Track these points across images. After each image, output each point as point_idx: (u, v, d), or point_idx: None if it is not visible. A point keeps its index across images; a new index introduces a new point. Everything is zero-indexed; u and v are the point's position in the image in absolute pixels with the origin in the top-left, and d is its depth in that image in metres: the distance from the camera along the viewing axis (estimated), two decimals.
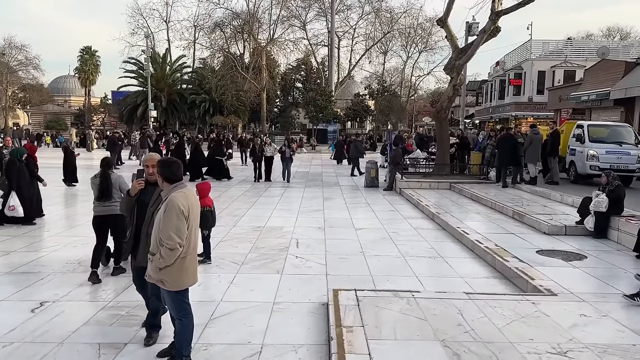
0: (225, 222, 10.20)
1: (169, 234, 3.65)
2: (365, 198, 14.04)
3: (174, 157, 6.08)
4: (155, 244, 3.76)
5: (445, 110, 16.21)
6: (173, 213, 3.67)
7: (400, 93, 52.30)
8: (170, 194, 3.78)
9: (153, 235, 3.80)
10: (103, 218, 6.24)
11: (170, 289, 3.88)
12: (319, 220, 10.46)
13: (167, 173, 3.85)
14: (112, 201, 6.17)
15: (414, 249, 8.11)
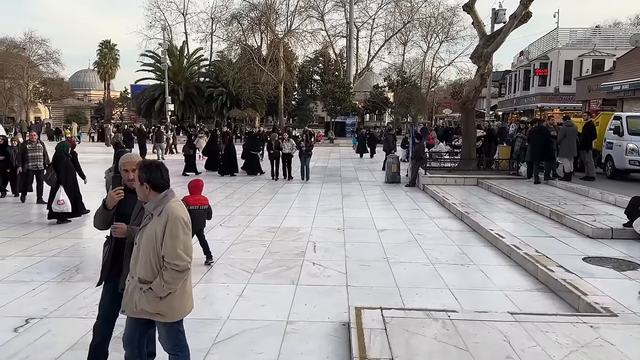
0: (238, 222, 9.56)
1: (177, 252, 3.02)
2: (386, 195, 13.26)
3: (209, 151, 5.79)
4: (150, 269, 3.08)
5: (471, 101, 15.30)
6: (179, 227, 3.04)
7: (420, 84, 51.06)
8: (164, 205, 3.10)
9: (144, 258, 3.09)
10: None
11: (171, 321, 3.20)
12: (337, 220, 9.74)
13: (155, 179, 3.13)
14: None
15: (443, 255, 7.34)
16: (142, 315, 3.16)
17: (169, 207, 3.07)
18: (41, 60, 65.22)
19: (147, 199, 3.17)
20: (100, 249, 3.80)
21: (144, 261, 3.09)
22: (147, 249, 3.07)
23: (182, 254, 3.03)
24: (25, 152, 11.17)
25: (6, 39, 63.53)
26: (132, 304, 3.14)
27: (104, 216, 3.58)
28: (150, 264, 3.08)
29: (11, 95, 65.46)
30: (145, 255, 3.08)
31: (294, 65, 55.57)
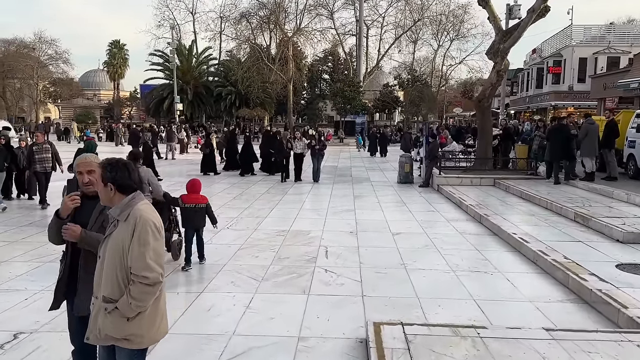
0: (246, 224, 9.14)
1: (147, 262, 2.54)
2: (399, 196, 12.79)
3: (229, 150, 6.00)
4: (117, 285, 2.60)
5: (487, 98, 14.77)
6: (148, 232, 2.57)
7: (430, 83, 50.43)
8: (131, 208, 2.64)
9: (109, 273, 2.61)
10: None
11: (138, 347, 2.67)
12: (350, 223, 9.29)
13: (122, 179, 2.67)
14: None
15: (464, 261, 6.87)
16: (106, 341, 2.66)
17: (136, 210, 2.62)
18: (51, 60, 65.46)
19: (112, 203, 2.70)
20: None
21: (110, 276, 2.61)
22: (112, 261, 2.60)
23: (152, 263, 2.56)
24: (32, 154, 10.64)
25: (16, 39, 63.79)
26: (96, 328, 2.65)
27: (58, 227, 2.99)
28: (116, 279, 2.60)
29: (21, 95, 65.80)
30: (110, 269, 2.60)
31: (303, 64, 55.15)
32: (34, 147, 10.67)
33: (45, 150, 10.66)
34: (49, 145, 10.80)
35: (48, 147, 10.75)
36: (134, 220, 2.59)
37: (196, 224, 6.55)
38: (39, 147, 10.64)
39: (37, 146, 10.65)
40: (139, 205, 2.66)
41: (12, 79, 62.91)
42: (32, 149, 10.66)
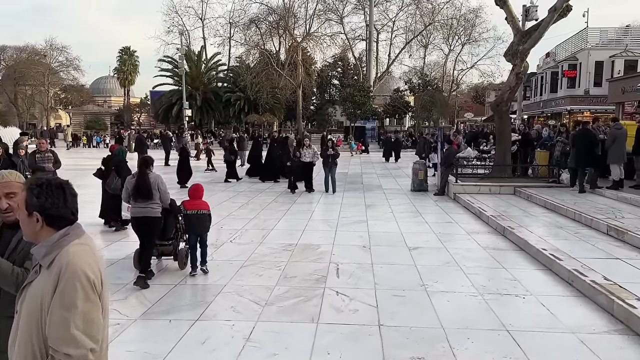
0: (250, 237, 8.51)
1: (71, 334, 1.81)
2: (414, 205, 12.10)
3: (251, 157, 7.09)
4: (32, 354, 1.88)
5: (506, 102, 14.04)
6: (76, 291, 1.84)
7: (442, 88, 49.68)
8: (59, 250, 1.91)
9: (25, 336, 1.90)
10: (139, 220, 5.99)
11: None
12: (362, 236, 8.62)
13: (53, 207, 1.94)
14: (150, 202, 5.92)
15: (491, 282, 6.18)
16: None
17: (63, 255, 1.88)
18: (61, 66, 65.70)
19: (37, 239, 1.97)
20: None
21: (24, 343, 1.90)
22: (28, 322, 1.90)
23: (78, 335, 1.81)
24: (34, 163, 9.63)
25: (27, 46, 64.11)
26: None
27: None
28: (31, 348, 1.88)
29: (32, 102, 66.05)
30: (26, 332, 1.90)
31: (312, 70, 54.72)
32: (36, 155, 9.75)
33: (47, 159, 9.78)
34: (51, 155, 9.91)
35: (50, 156, 9.85)
36: (58, 270, 1.85)
37: (199, 230, 6.39)
38: (41, 156, 9.75)
39: (40, 154, 9.76)
40: (69, 247, 1.90)
41: (24, 86, 63.20)
42: (35, 157, 9.82)
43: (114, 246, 7.89)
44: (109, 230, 9.01)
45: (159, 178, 6.11)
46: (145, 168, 6.06)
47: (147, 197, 5.88)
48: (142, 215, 5.95)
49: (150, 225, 6.00)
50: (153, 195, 5.91)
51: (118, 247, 7.82)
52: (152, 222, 5.99)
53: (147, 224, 5.98)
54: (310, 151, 14.00)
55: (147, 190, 5.89)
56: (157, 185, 5.97)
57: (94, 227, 8.94)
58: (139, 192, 5.91)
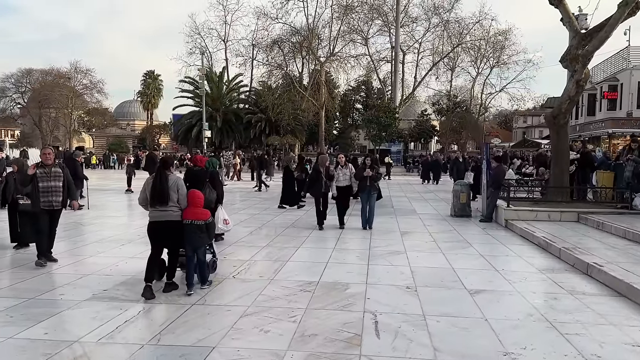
0: (259, 271, 6.64)
1: None
2: (459, 233, 10.08)
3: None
4: None
5: (564, 114, 12.02)
6: None
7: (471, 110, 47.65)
8: None
9: None
10: (158, 224, 5.55)
11: None
12: (403, 272, 6.66)
13: None
14: (168, 206, 5.49)
15: (604, 348, 4.14)
16: None
17: None
18: (85, 89, 65.97)
19: None
20: None
21: None
22: None
23: None
24: (34, 182, 6.83)
25: (52, 69, 64.68)
26: None
27: None
28: None
29: (56, 124, 66.31)
30: None
31: (336, 94, 53.40)
32: (38, 170, 6.89)
33: (55, 177, 6.93)
34: (60, 170, 7.05)
35: (59, 173, 7.01)
36: None
37: (193, 243, 5.64)
38: (45, 172, 6.89)
39: (44, 169, 6.91)
40: None
41: (48, 108, 63.53)
42: (36, 173, 6.86)
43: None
44: None
45: (179, 180, 5.68)
46: (164, 169, 5.63)
47: (163, 199, 5.45)
48: (162, 219, 5.49)
49: (170, 231, 5.53)
50: (171, 198, 5.47)
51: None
52: (172, 226, 5.53)
53: (167, 229, 5.51)
54: (346, 172, 10.52)
55: (165, 192, 5.46)
56: (177, 187, 5.55)
57: None
58: (156, 193, 5.47)
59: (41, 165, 6.89)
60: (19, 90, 67.16)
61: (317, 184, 10.23)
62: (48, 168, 6.92)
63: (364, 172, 10.10)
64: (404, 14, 45.89)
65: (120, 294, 5.49)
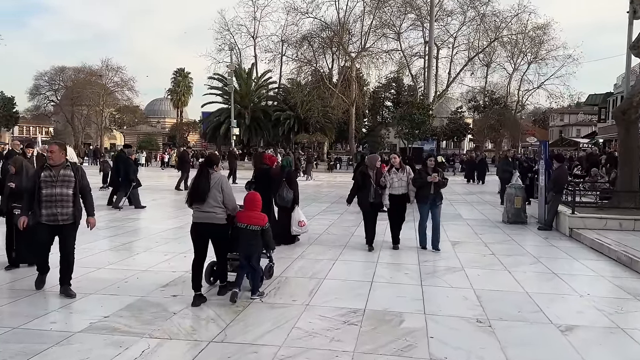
0: (291, 293, 5.54)
1: None
2: (519, 244, 8.78)
3: None
4: None
5: (635, 108, 10.54)
6: None
7: (510, 107, 45.57)
8: None
9: None
10: (200, 226, 5.12)
11: None
12: (467, 297, 5.45)
13: None
14: (212, 207, 5.03)
15: None
16: None
17: None
18: (117, 87, 66.43)
19: None
20: None
21: None
22: None
23: None
24: (37, 187, 5.23)
25: (84, 67, 65.34)
26: None
27: None
28: None
29: (88, 121, 67.03)
30: None
31: (365, 91, 52.07)
32: (42, 173, 5.28)
33: (63, 181, 5.25)
34: (71, 173, 5.31)
35: (70, 177, 5.28)
36: None
37: (247, 250, 5.24)
38: (51, 175, 5.22)
39: (50, 172, 5.23)
40: None
41: (80, 106, 64.22)
42: (40, 175, 5.27)
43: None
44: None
45: (223, 179, 5.24)
46: (207, 166, 5.20)
47: (202, 198, 5.06)
48: (204, 221, 5.09)
49: (213, 234, 5.14)
50: (213, 198, 5.06)
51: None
52: (216, 229, 5.12)
53: (210, 232, 5.11)
54: (402, 177, 8.09)
55: (204, 191, 5.04)
56: (221, 187, 5.12)
57: None
58: (195, 192, 5.11)
59: (46, 167, 5.29)
60: (52, 88, 68.17)
61: (365, 191, 7.91)
62: (55, 170, 5.24)
63: (428, 176, 7.82)
64: (438, 8, 44.18)
65: (123, 324, 4.48)
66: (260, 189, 7.99)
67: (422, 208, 8.08)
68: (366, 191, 7.87)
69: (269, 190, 7.92)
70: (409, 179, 8.08)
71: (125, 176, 12.22)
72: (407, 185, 8.05)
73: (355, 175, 9.14)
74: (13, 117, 60.22)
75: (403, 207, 8.18)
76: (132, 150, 13.92)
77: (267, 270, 5.90)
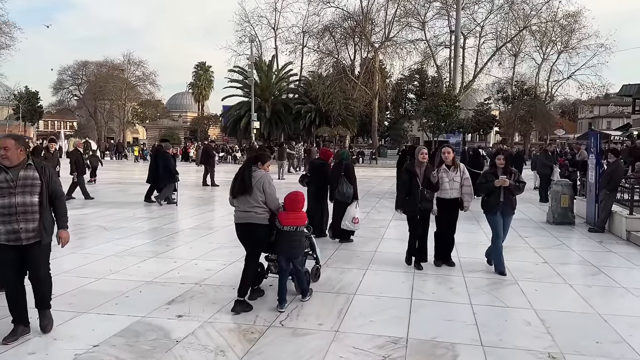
0: (316, 311, 4.69)
1: None
2: (572, 250, 7.77)
3: None
4: None
5: None
6: None
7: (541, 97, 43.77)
8: None
9: None
10: (241, 227, 4.83)
11: None
12: (529, 322, 4.51)
13: None
14: (252, 206, 4.73)
15: None
16: None
17: None
18: (138, 81, 66.47)
19: None
20: None
21: None
22: None
23: None
24: None
25: (107, 61, 65.49)
26: None
27: None
28: None
29: (111, 115, 67.35)
30: None
31: (387, 83, 50.84)
32: None
33: (25, 187, 3.97)
34: (35, 175, 4.03)
35: (35, 179, 4.02)
36: None
37: (290, 253, 4.86)
38: (7, 179, 3.92)
39: (5, 175, 3.93)
40: None
41: (103, 100, 64.48)
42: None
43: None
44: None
45: (266, 178, 4.89)
46: (251, 163, 4.93)
47: (241, 194, 4.78)
48: (245, 221, 4.80)
49: (253, 234, 4.81)
50: (254, 197, 4.74)
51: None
52: (256, 230, 4.78)
53: (250, 232, 4.82)
54: (456, 176, 6.49)
55: (243, 189, 4.76)
56: (263, 186, 4.79)
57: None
58: (234, 190, 4.86)
59: (0, 169, 3.93)
60: (75, 83, 68.55)
61: (412, 195, 6.31)
62: (13, 172, 3.93)
63: (496, 178, 6.07)
64: None
65: (113, 356, 3.69)
66: (315, 183, 8.01)
67: (493, 220, 6.25)
68: (413, 195, 6.29)
69: (324, 185, 7.90)
70: (463, 181, 6.47)
71: (166, 170, 12.28)
72: (460, 187, 6.46)
73: (401, 173, 8.17)
74: (37, 111, 60.78)
75: (454, 214, 6.59)
76: (169, 145, 13.70)
77: (314, 273, 5.60)
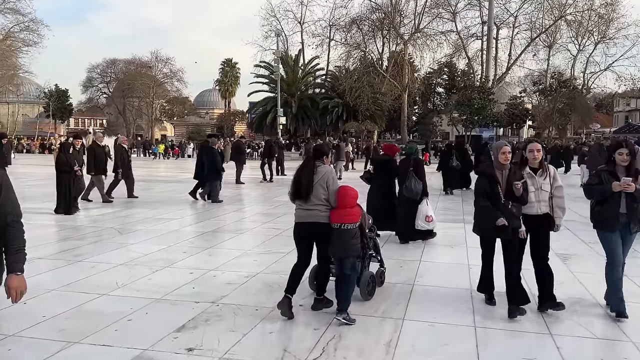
0: (357, 345, 3.77)
1: None
2: None
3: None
4: None
5: None
6: None
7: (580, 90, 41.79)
8: None
9: None
10: (302, 227, 4.50)
11: None
12: (629, 358, 3.52)
13: None
14: (314, 204, 4.37)
15: None
16: None
17: None
18: (166, 78, 66.76)
19: None
20: None
21: None
22: None
23: None
24: None
25: (135, 58, 65.98)
26: None
27: None
28: None
29: (140, 113, 67.85)
30: None
31: (416, 77, 49.56)
32: None
33: None
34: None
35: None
36: None
37: (339, 251, 4.34)
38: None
39: None
40: None
41: (131, 98, 65.03)
42: None
43: None
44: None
45: (330, 174, 4.45)
46: (314, 159, 4.49)
47: (303, 195, 4.35)
48: (307, 220, 4.38)
49: (318, 235, 4.39)
50: (316, 195, 4.32)
51: None
52: (320, 230, 4.35)
53: (313, 232, 4.39)
54: (545, 183, 4.55)
55: (306, 187, 4.32)
56: (326, 182, 4.35)
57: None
58: (296, 187, 4.44)
59: None
60: (104, 80, 69.31)
61: (491, 209, 4.39)
62: None
63: (615, 182, 4.22)
64: None
65: None
66: (379, 181, 7.77)
67: (608, 239, 4.40)
68: (493, 207, 4.39)
69: (390, 181, 7.71)
70: (553, 190, 4.57)
71: (212, 166, 11.97)
72: (549, 200, 4.55)
73: (446, 172, 7.98)
74: (67, 109, 61.58)
75: (544, 237, 4.63)
76: (215, 140, 13.11)
77: (379, 276, 5.23)
